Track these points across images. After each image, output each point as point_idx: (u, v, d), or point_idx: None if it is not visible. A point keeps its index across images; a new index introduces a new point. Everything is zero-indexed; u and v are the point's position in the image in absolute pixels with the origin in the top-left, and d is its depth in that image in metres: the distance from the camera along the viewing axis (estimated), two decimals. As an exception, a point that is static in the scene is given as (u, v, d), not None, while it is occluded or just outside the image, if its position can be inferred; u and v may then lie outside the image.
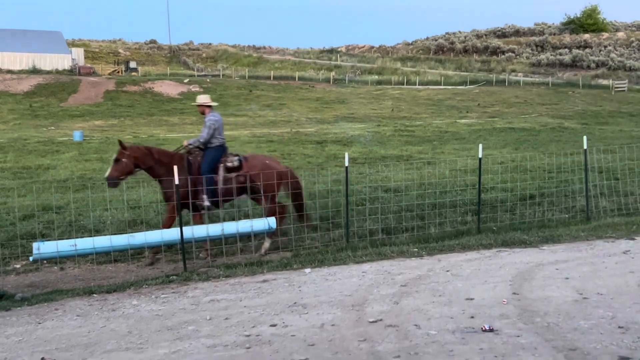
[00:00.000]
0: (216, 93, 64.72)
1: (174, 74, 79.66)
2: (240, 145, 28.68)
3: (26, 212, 12.19)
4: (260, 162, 10.72)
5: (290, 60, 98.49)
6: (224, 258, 9.90)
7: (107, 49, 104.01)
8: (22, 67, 71.03)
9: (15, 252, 9.93)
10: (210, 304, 7.33)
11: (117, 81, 67.30)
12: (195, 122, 48.18)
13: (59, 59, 74.99)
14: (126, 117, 51.30)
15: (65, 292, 8.09)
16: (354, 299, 7.30)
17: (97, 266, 9.70)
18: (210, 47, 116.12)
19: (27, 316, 7.10)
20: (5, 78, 64.09)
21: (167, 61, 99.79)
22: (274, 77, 79.10)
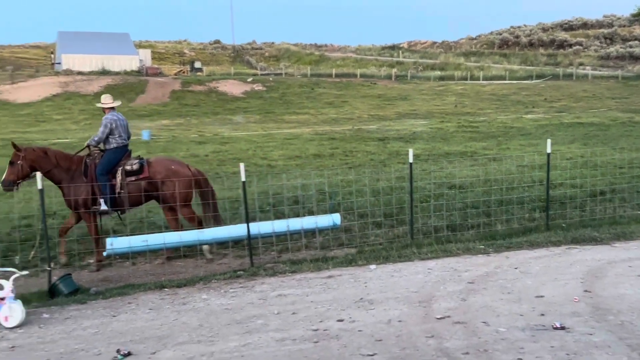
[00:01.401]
0: (278, 92, 65.28)
1: (237, 73, 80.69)
2: (302, 143, 28.88)
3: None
4: (164, 167, 10.13)
5: (352, 58, 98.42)
6: (290, 254, 10.00)
7: (173, 50, 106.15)
8: (92, 68, 73.17)
9: (90, 247, 10.26)
10: (278, 298, 7.44)
11: (183, 81, 68.60)
12: (258, 121, 48.73)
13: (127, 61, 76.98)
14: (192, 116, 52.25)
15: (138, 286, 8.33)
16: (420, 295, 7.28)
17: (167, 261, 9.93)
18: (273, 46, 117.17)
19: (102, 309, 7.35)
20: (76, 79, 66.17)
21: (231, 61, 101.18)
22: (336, 74, 79.18)
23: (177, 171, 10.08)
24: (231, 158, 23.72)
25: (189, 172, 10.19)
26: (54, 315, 7.16)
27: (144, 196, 10.07)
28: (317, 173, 15.68)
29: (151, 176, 9.96)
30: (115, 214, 10.29)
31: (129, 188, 9.91)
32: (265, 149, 26.96)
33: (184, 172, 10.12)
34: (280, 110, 55.33)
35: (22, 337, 6.46)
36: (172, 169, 10.08)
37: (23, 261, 9.36)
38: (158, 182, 9.94)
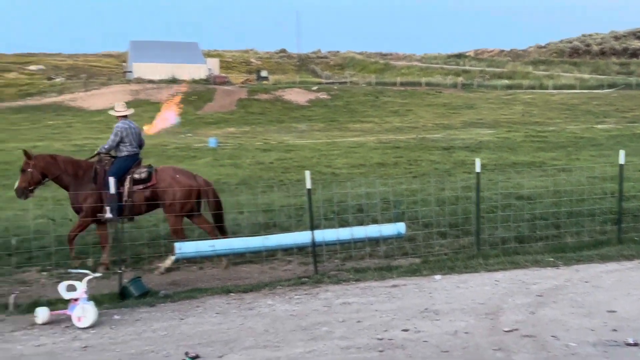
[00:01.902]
0: (343, 100, 65.42)
1: (302, 81, 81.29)
2: (366, 152, 28.87)
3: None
4: (168, 175, 10.11)
5: (417, 66, 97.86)
6: (353, 262, 10.00)
7: (240, 59, 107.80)
8: (161, 77, 74.96)
9: (159, 251, 10.51)
10: (342, 306, 7.45)
11: (249, 90, 69.57)
12: (322, 129, 48.95)
13: (195, 69, 78.59)
14: (257, 124, 52.91)
15: (205, 290, 8.48)
16: (487, 307, 7.17)
17: (233, 266, 10.07)
18: (338, 54, 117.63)
19: (170, 312, 7.51)
20: (146, 87, 67.93)
21: (296, 69, 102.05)
22: (401, 83, 78.83)
23: (180, 181, 10.05)
24: (295, 166, 23.92)
25: (193, 182, 10.14)
26: (125, 316, 7.36)
27: (150, 204, 10.09)
28: (381, 182, 15.64)
29: (156, 184, 10.02)
30: (121, 221, 10.03)
31: (135, 196, 9.94)
32: (329, 157, 27.07)
33: (186, 182, 10.08)
34: (344, 119, 55.44)
35: (94, 337, 6.67)
36: (176, 178, 10.06)
37: (95, 263, 9.66)
38: (159, 191, 9.97)
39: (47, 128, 48.62)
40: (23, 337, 6.72)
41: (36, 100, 63.50)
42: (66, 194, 10.26)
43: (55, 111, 58.46)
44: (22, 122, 52.69)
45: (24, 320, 7.31)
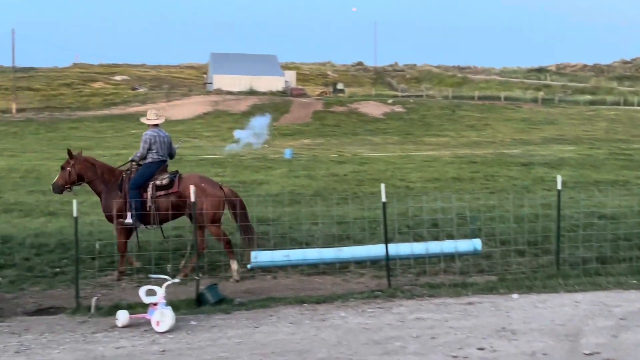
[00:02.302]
0: (418, 113, 64.98)
1: (378, 94, 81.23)
2: (441, 166, 28.54)
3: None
4: (193, 183, 9.85)
5: (496, 80, 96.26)
6: (427, 277, 9.89)
7: (317, 72, 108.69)
8: (240, 88, 76.38)
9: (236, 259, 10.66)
10: (416, 321, 7.37)
11: (325, 102, 70.04)
12: (397, 142, 48.72)
13: (273, 81, 79.71)
14: (332, 136, 53.16)
15: (278, 299, 8.55)
16: (566, 328, 6.96)
17: (306, 277, 10.13)
18: (415, 68, 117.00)
19: (245, 320, 7.61)
20: (225, 99, 69.38)
21: (372, 82, 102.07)
22: (478, 97, 77.70)
23: (205, 189, 9.97)
24: (369, 178, 23.88)
25: (219, 191, 10.08)
26: (201, 322, 7.51)
27: (175, 211, 10.08)
28: (457, 196, 15.42)
29: (180, 192, 9.96)
30: (144, 227, 10.27)
31: (158, 203, 9.95)
32: (403, 170, 26.91)
33: (212, 191, 10.02)
34: (419, 132, 55.05)
35: (171, 342, 6.82)
36: (202, 187, 9.93)
37: (174, 269, 9.89)
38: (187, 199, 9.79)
39: (130, 136, 50.29)
40: (104, 338, 6.95)
41: (120, 110, 65.81)
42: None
43: (138, 120, 60.40)
44: (107, 130, 54.75)
45: (105, 322, 7.56)
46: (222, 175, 24.70)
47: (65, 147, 12.98)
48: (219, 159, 32.54)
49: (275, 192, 19.44)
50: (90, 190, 10.58)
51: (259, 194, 18.74)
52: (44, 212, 15.73)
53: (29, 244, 11.34)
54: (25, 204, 16.75)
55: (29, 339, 6.95)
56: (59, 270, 10.17)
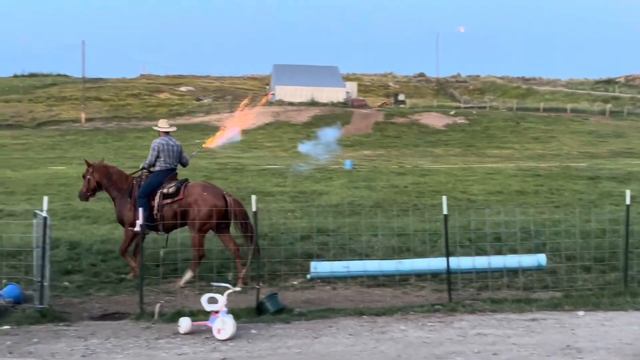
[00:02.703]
0: (481, 125, 64.15)
1: (440, 106, 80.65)
2: (504, 179, 28.06)
3: (303, 233, 13.12)
4: (196, 190, 10.15)
5: (562, 92, 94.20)
6: (489, 292, 9.71)
7: (378, 83, 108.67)
8: (301, 99, 77.00)
9: (294, 269, 10.73)
10: (478, 337, 7.25)
11: (386, 113, 69.93)
12: (458, 154, 48.19)
13: (334, 92, 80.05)
14: (393, 147, 53.01)
15: (338, 310, 8.54)
16: (635, 348, 6.73)
17: (366, 289, 10.09)
18: (478, 79, 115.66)
19: (304, 330, 7.63)
20: (287, 109, 70.08)
21: (434, 93, 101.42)
22: (544, 109, 76.19)
23: (205, 199, 10.05)
24: (430, 190, 23.66)
25: (220, 202, 10.09)
26: (261, 331, 7.56)
27: (180, 219, 10.17)
28: (520, 210, 15.12)
29: (183, 199, 10.12)
30: (153, 234, 10.50)
31: (164, 210, 10.13)
32: (465, 182, 26.57)
33: (212, 201, 10.05)
34: (482, 144, 54.33)
35: (232, 350, 6.90)
36: (203, 196, 10.08)
37: (234, 278, 10.01)
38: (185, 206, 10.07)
39: (194, 146, 51.15)
40: (166, 345, 7.08)
41: (185, 120, 67.18)
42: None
43: (202, 130, 61.43)
44: (172, 140, 55.88)
45: (168, 328, 7.70)
46: (283, 186, 24.91)
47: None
48: (279, 169, 32.83)
49: (334, 203, 19.47)
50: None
51: (318, 205, 18.80)
52: (110, 219, 16.11)
53: (95, 250, 11.66)
54: (92, 211, 17.21)
55: (95, 343, 7.13)
56: (124, 277, 10.41)
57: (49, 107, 71.26)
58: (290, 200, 21.00)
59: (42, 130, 59.45)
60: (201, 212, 9.99)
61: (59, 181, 25.35)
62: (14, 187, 23.59)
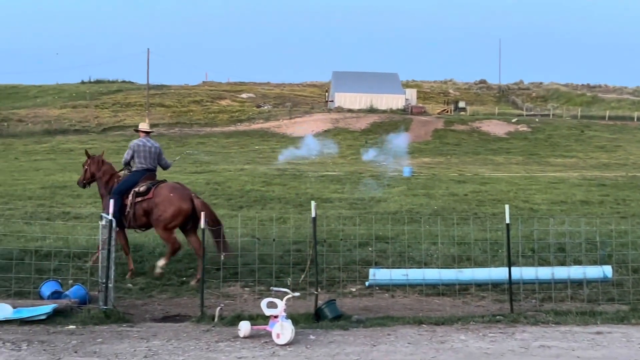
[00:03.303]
0: (544, 133, 62.85)
1: (501, 113, 79.36)
2: (568, 188, 27.42)
3: (362, 240, 13.08)
4: (163, 191, 10.45)
5: (628, 100, 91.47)
6: (552, 304, 9.48)
7: (438, 90, 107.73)
8: (360, 106, 76.95)
9: (352, 276, 10.71)
10: (540, 349, 7.09)
11: (446, 120, 69.22)
12: (520, 162, 47.32)
13: (393, 99, 79.72)
14: (452, 155, 52.43)
15: (396, 319, 8.47)
16: None
17: (425, 297, 9.99)
18: (541, 86, 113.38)
19: (362, 337, 7.60)
20: (345, 116, 70.14)
21: (495, 101, 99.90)
22: (609, 117, 74.12)
23: (171, 199, 10.37)
24: (491, 199, 23.31)
25: (185, 204, 10.38)
26: (319, 337, 7.57)
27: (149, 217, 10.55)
28: (585, 220, 14.74)
29: (152, 198, 10.47)
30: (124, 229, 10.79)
31: (136, 208, 10.53)
32: (527, 191, 26.07)
33: (177, 202, 10.36)
34: (545, 153, 53.23)
35: (290, 355, 6.93)
36: (169, 197, 10.40)
37: (293, 283, 10.06)
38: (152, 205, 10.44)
39: (253, 152, 51.85)
40: (226, 348, 7.16)
41: (245, 126, 68.07)
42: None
43: (261, 137, 62.25)
44: (232, 146, 56.74)
45: (228, 332, 7.79)
46: (341, 193, 24.92)
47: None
48: (338, 175, 32.87)
49: (393, 210, 19.37)
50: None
51: (376, 212, 18.74)
52: (172, 223, 16.44)
53: (158, 253, 11.88)
54: (155, 214, 17.55)
55: (157, 344, 7.27)
56: (185, 280, 10.59)
57: (115, 113, 73.14)
58: (348, 207, 20.99)
59: (107, 135, 61.11)
60: (166, 212, 10.37)
61: (123, 185, 25.95)
62: (80, 190, 24.23)
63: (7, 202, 19.83)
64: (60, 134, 61.24)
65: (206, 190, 24.17)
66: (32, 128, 62.90)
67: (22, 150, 51.02)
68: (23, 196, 22.36)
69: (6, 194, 22.70)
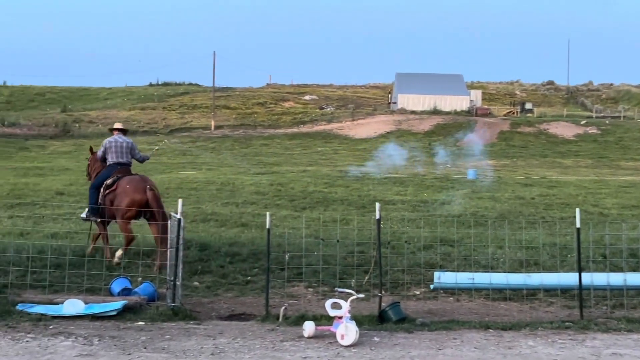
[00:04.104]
0: (615, 136, 61.01)
1: (570, 115, 77.39)
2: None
3: (425, 242, 12.97)
4: (122, 183, 11.14)
5: None
6: (625, 311, 9.18)
7: (504, 91, 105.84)
8: (424, 108, 76.30)
9: (416, 279, 10.63)
10: (612, 357, 6.89)
11: (512, 122, 67.96)
12: (590, 165, 46.05)
13: (457, 101, 78.77)
14: (518, 157, 51.45)
15: (462, 323, 8.37)
16: None
17: (491, 302, 9.82)
18: (611, 87, 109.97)
19: (427, 341, 7.53)
20: (409, 118, 69.70)
21: (563, 102, 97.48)
22: (685, 119, 71.39)
23: (126, 190, 11.03)
24: (559, 203, 22.72)
25: (139, 195, 10.98)
26: (384, 339, 7.54)
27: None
28: (659, 225, 14.22)
29: (115, 190, 11.16)
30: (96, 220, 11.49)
31: (105, 200, 11.23)
32: (597, 195, 25.31)
33: (132, 194, 10.99)
34: (615, 156, 51.67)
35: (355, 356, 6.92)
36: (125, 188, 11.07)
37: (357, 285, 10.05)
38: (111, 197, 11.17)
39: (316, 154, 52.06)
40: (291, 347, 7.21)
41: (308, 128, 68.42)
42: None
43: (324, 138, 62.45)
44: (295, 147, 57.11)
45: (292, 331, 7.84)
46: (404, 195, 24.75)
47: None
48: (400, 177, 32.66)
49: (457, 213, 19.11)
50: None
51: (440, 214, 18.53)
52: (237, 223, 16.68)
53: (223, 252, 12.06)
54: (220, 214, 17.85)
55: (223, 342, 7.38)
56: (250, 279, 10.72)
57: (181, 115, 74.66)
58: (411, 209, 20.82)
59: (174, 137, 62.36)
60: (122, 203, 11.00)
61: (189, 185, 26.46)
62: (149, 190, 24.85)
63: (79, 201, 20.42)
64: (130, 135, 62.92)
65: (270, 191, 24.41)
66: (102, 129, 64.64)
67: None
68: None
69: (77, 193, 23.37)
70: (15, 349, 6.92)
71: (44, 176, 28.33)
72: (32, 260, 10.01)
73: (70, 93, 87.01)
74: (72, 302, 8.39)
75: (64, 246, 10.87)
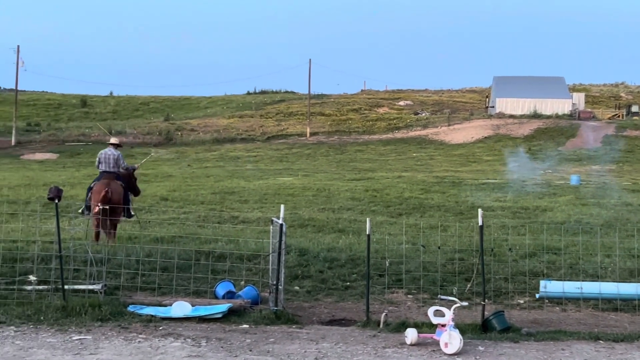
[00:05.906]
0: None
1: (680, 117, 73.28)
2: None
3: (527, 250, 12.61)
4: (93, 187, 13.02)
5: None
6: None
7: (608, 93, 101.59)
8: (523, 112, 74.21)
9: (519, 287, 10.36)
10: None
11: (617, 125, 65.13)
12: None
13: (559, 104, 76.15)
14: (625, 162, 49.18)
15: (570, 333, 8.10)
16: None
17: (600, 312, 9.45)
18: None
19: (534, 351, 7.32)
20: (507, 122, 67.98)
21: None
22: None
23: (94, 191, 12.84)
24: (670, 209, 21.59)
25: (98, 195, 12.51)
26: (488, 349, 7.39)
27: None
28: None
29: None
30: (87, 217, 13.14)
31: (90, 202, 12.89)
32: None
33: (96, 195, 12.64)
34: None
35: (459, 365, 6.82)
36: (94, 190, 12.91)
37: (459, 292, 9.89)
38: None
39: (411, 160, 51.64)
40: (394, 354, 7.18)
41: (403, 134, 67.96)
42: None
43: (419, 144, 61.87)
44: (390, 153, 56.87)
45: (394, 338, 7.80)
46: (503, 201, 24.16)
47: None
48: (499, 183, 31.93)
49: (560, 220, 18.49)
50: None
51: (542, 221, 17.97)
52: (334, 228, 16.80)
53: (322, 257, 12.16)
54: (317, 220, 18.02)
55: (326, 347, 7.43)
56: (349, 284, 10.75)
57: (278, 122, 75.86)
58: (511, 215, 20.33)
59: (271, 144, 63.50)
60: (91, 201, 12.81)
61: (286, 191, 26.84)
62: (247, 196, 25.40)
63: (182, 207, 21.15)
64: (228, 143, 64.42)
65: (365, 197, 24.44)
66: (203, 137, 66.70)
67: (194, 158, 54.22)
68: (196, 201, 23.74)
69: (181, 199, 24.21)
70: (129, 349, 7.22)
71: (149, 182, 29.45)
72: (142, 263, 10.42)
73: (173, 102, 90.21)
74: (180, 305, 8.68)
75: (171, 249, 11.26)
